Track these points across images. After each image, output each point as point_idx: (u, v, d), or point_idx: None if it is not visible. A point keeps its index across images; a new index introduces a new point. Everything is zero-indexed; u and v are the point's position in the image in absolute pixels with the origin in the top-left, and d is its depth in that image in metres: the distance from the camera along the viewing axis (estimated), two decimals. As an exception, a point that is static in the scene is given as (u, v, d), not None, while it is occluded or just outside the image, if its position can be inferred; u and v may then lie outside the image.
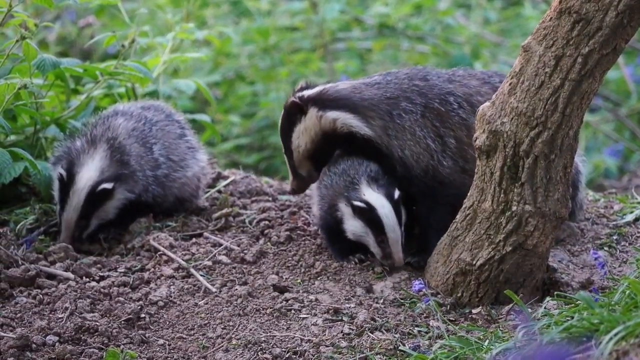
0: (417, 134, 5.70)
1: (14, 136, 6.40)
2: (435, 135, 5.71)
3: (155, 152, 6.13)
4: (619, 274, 5.57)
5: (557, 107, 5.03)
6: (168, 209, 6.24)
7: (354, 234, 5.65)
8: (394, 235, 5.55)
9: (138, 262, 5.81)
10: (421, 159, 5.70)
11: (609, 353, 3.99)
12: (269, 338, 5.16)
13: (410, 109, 5.73)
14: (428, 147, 5.69)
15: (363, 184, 5.63)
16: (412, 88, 5.79)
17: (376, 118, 5.74)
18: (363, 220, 5.59)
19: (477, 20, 11.33)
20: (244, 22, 10.71)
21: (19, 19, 6.07)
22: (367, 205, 5.55)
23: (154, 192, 6.11)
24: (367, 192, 5.59)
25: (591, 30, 4.92)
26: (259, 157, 10.66)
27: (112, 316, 5.34)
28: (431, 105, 5.74)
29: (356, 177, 5.66)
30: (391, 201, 5.56)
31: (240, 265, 5.74)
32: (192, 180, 6.28)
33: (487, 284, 5.34)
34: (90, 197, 5.93)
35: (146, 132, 6.14)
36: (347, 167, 5.72)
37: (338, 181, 5.71)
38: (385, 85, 5.83)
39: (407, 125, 5.72)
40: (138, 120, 6.16)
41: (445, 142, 5.70)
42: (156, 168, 6.12)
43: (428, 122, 5.72)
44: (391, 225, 5.54)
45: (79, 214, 5.95)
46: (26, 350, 5.06)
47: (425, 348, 4.98)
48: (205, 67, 10.67)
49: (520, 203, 5.18)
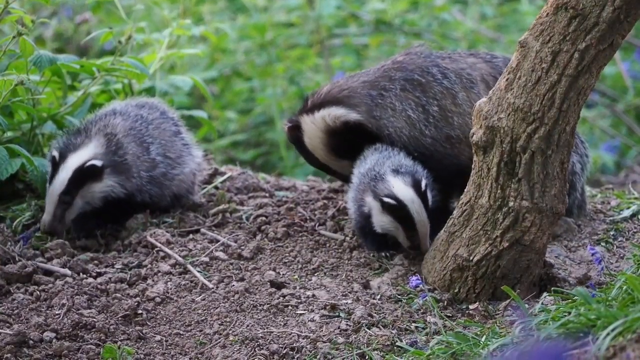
0: (397, 108, 5.75)
1: (11, 133, 6.39)
2: (416, 105, 5.75)
3: (152, 152, 6.13)
4: (616, 269, 5.58)
5: (554, 103, 5.03)
6: (165, 207, 6.24)
7: (382, 228, 5.64)
8: (424, 229, 5.55)
9: (135, 259, 5.81)
10: (403, 132, 5.74)
11: (606, 348, 4.00)
12: (266, 334, 5.16)
13: (389, 86, 5.80)
14: (409, 119, 5.73)
15: (389, 175, 5.61)
16: (392, 66, 5.89)
17: (360, 104, 5.82)
18: (393, 216, 5.58)
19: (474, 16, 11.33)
20: (241, 18, 10.70)
21: (16, 16, 6.07)
22: (397, 202, 5.54)
23: (150, 192, 6.10)
24: (395, 184, 5.58)
25: (588, 26, 4.92)
26: (255, 153, 10.65)
27: (109, 312, 5.33)
28: (410, 78, 5.80)
29: (381, 170, 5.65)
30: (419, 193, 5.56)
31: (238, 261, 5.74)
32: (188, 176, 6.28)
33: (484, 280, 5.35)
34: (78, 173, 5.88)
35: (143, 132, 6.13)
36: (373, 164, 5.73)
37: (364, 179, 5.70)
38: (366, 72, 6.00)
39: (388, 102, 5.78)
40: (135, 120, 6.16)
41: (428, 111, 5.74)
42: (152, 169, 6.11)
43: (409, 94, 5.77)
44: (422, 220, 5.54)
45: (64, 188, 5.89)
46: (23, 346, 5.06)
47: (423, 344, 4.98)
48: (201, 63, 10.65)
49: (517, 199, 5.18)
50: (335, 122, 5.85)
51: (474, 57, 5.95)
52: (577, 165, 5.94)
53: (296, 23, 10.79)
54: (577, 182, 5.96)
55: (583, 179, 6.02)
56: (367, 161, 5.78)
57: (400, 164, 5.66)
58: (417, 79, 5.82)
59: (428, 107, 5.76)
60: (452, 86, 5.77)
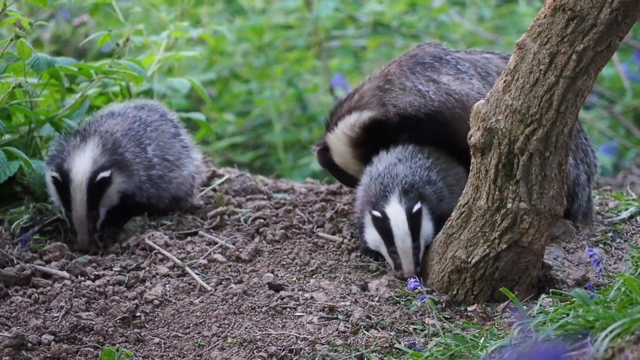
0: (407, 86, 5.76)
1: (9, 135, 6.39)
2: (427, 81, 5.76)
3: (149, 152, 6.13)
4: (614, 271, 5.58)
5: (552, 105, 5.03)
6: (163, 209, 6.24)
7: (372, 243, 5.64)
8: (402, 245, 5.52)
9: (133, 261, 5.80)
10: (414, 104, 5.71)
11: (605, 350, 4.00)
12: (265, 336, 5.16)
13: (398, 72, 5.80)
14: (419, 92, 5.72)
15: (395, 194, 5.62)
16: (403, 58, 5.90)
17: (370, 101, 5.83)
18: (377, 229, 5.57)
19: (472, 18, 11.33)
20: (239, 20, 10.70)
21: (14, 18, 6.06)
22: (382, 215, 5.54)
23: (148, 192, 6.11)
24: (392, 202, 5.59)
25: (586, 28, 4.93)
26: (253, 155, 10.65)
27: (107, 315, 5.33)
28: (422, 61, 5.80)
29: (389, 186, 5.64)
30: (408, 212, 5.54)
31: (236, 263, 5.74)
32: (187, 179, 6.28)
33: (482, 282, 5.35)
34: (91, 188, 5.92)
35: (140, 133, 6.14)
36: (384, 174, 5.71)
37: (371, 187, 5.70)
38: (377, 72, 5.96)
39: (397, 84, 5.83)
40: (133, 121, 6.16)
41: (438, 82, 5.72)
42: (150, 168, 6.11)
43: (419, 74, 5.78)
44: (401, 235, 5.51)
45: (87, 207, 5.94)
46: (22, 349, 5.05)
47: (421, 346, 4.98)
48: (199, 65, 10.65)
49: (515, 200, 5.18)
50: (354, 130, 5.87)
51: (489, 54, 5.98)
52: (582, 175, 5.93)
53: (294, 25, 10.79)
54: (581, 192, 5.93)
55: (588, 188, 5.99)
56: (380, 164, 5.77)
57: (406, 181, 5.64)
58: (428, 61, 5.83)
59: (439, 80, 5.74)
60: (466, 70, 5.77)
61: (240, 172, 6.87)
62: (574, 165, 5.89)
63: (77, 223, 5.97)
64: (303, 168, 9.98)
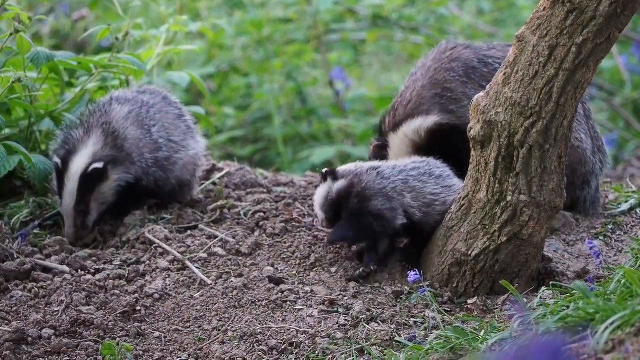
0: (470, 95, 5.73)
1: (8, 130, 6.39)
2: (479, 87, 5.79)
3: (154, 134, 6.12)
4: (614, 263, 5.58)
5: (552, 97, 5.03)
6: (168, 193, 6.21)
7: None
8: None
9: (133, 255, 5.80)
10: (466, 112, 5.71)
11: (605, 342, 4.00)
12: (265, 330, 5.16)
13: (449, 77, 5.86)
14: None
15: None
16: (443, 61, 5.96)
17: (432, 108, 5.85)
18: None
19: (471, 11, 11.33)
20: (238, 14, 10.69)
21: (13, 13, 6.06)
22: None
23: (155, 175, 6.09)
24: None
25: (585, 20, 4.92)
26: (253, 149, 10.65)
27: (107, 309, 5.34)
28: (471, 65, 5.85)
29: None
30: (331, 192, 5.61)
31: (236, 257, 5.74)
32: (192, 159, 6.26)
33: (482, 275, 5.35)
34: (83, 180, 5.91)
35: (143, 115, 6.12)
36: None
37: None
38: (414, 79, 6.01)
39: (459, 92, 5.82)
40: (134, 104, 6.15)
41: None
42: (156, 150, 6.10)
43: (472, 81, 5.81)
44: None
45: (76, 199, 5.93)
46: (22, 343, 5.06)
47: (421, 339, 4.99)
48: (199, 59, 10.65)
49: (515, 193, 5.18)
50: (419, 134, 5.90)
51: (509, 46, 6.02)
52: (597, 164, 5.98)
53: (293, 19, 10.78)
54: (593, 180, 5.97)
55: (599, 178, 6.04)
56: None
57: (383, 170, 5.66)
58: (476, 66, 5.86)
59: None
60: None
61: (240, 166, 6.87)
62: (592, 153, 5.93)
63: (65, 214, 5.96)
64: (303, 161, 9.98)
